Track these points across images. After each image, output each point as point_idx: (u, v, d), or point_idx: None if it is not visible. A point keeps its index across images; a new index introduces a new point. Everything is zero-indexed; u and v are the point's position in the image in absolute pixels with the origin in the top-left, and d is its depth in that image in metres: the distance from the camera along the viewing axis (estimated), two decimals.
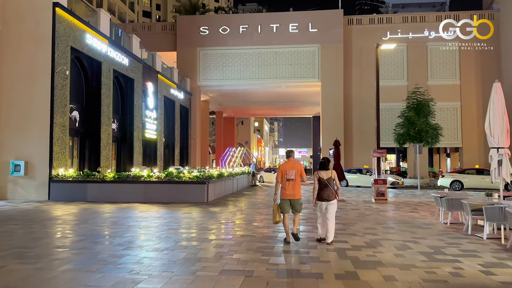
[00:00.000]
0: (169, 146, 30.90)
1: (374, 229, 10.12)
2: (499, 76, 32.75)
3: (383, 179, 16.84)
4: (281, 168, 8.03)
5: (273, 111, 50.39)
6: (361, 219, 11.90)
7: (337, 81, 33.54)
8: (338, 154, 17.51)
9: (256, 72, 34.28)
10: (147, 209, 14.22)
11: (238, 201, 17.12)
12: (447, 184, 23.68)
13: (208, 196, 16.48)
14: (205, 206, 14.97)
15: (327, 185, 7.95)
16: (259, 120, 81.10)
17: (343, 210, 13.97)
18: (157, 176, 16.75)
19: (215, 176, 17.61)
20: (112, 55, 21.89)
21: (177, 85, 31.44)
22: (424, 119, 28.50)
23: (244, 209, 14.23)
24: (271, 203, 16.44)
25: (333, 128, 33.41)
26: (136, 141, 24.49)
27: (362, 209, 14.51)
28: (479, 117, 33.16)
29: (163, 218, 11.79)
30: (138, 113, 24.84)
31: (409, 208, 15.00)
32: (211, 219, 11.62)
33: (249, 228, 10.03)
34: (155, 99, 27.30)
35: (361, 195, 20.38)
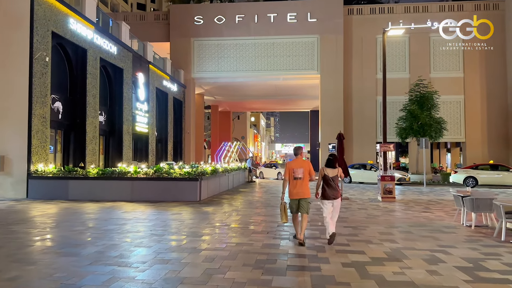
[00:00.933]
0: (162, 141, 29.34)
1: (390, 234, 8.68)
2: (504, 69, 31.41)
3: (390, 175, 15.42)
4: (289, 166, 7.54)
5: (270, 105, 48.81)
6: (372, 221, 10.46)
7: (336, 74, 32.04)
8: (342, 149, 16.04)
9: (252, 64, 32.71)
10: (133, 209, 12.72)
11: (233, 200, 15.65)
12: (460, 180, 22.25)
13: (200, 194, 15.00)
14: (197, 206, 13.49)
15: (332, 184, 7.49)
16: (256, 115, 79.53)
17: (349, 210, 12.53)
18: (145, 172, 15.23)
19: (209, 172, 16.12)
20: (98, 43, 20.27)
21: (170, 76, 29.84)
22: (428, 112, 27.18)
23: (240, 209, 12.76)
24: (269, 201, 14.99)
25: (332, 122, 31.94)
26: (125, 135, 22.92)
27: (370, 209, 13.08)
28: (483, 110, 31.83)
29: (148, 221, 10.30)
30: (127, 105, 23.25)
31: (420, 207, 13.59)
32: (202, 222, 10.14)
33: (246, 234, 8.56)
34: (146, 91, 25.71)
35: (365, 192, 18.97)
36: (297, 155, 7.68)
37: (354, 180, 25.24)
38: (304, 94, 39.35)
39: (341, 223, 9.83)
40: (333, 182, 7.47)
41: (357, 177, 25.44)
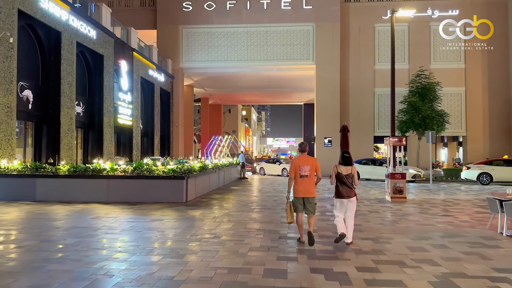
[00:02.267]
0: (148, 134, 27.20)
1: (423, 250, 6.80)
2: (507, 60, 29.79)
3: (401, 172, 13.56)
4: (294, 163, 7.05)
5: (262, 97, 46.74)
6: (392, 230, 8.58)
7: (333, 64, 30.13)
8: (346, 142, 14.15)
9: (244, 54, 30.64)
10: (106, 213, 10.69)
11: (225, 200, 13.69)
12: (474, 177, 20.43)
13: (187, 194, 12.99)
14: (183, 208, 11.50)
15: (345, 182, 7.07)
16: (247, 108, 77.42)
17: (359, 214, 10.64)
18: (123, 170, 13.18)
19: (197, 169, 14.11)
20: (75, 25, 18.08)
21: (156, 66, 27.64)
22: (430, 104, 25.42)
23: (232, 213, 10.80)
24: (265, 202, 13.06)
25: (328, 115, 30.12)
26: (106, 128, 20.78)
27: (382, 212, 11.23)
28: (485, 103, 30.22)
29: (120, 231, 8.29)
30: (109, 95, 21.09)
31: (438, 209, 11.77)
32: (187, 232, 8.16)
33: (242, 251, 6.60)
34: (130, 80, 23.53)
35: (369, 191, 17.13)
36: (304, 151, 7.17)
37: (362, 176, 23.07)
38: (298, 86, 37.42)
39: (356, 232, 7.96)
40: (347, 180, 7.04)
41: (365, 173, 23.27)
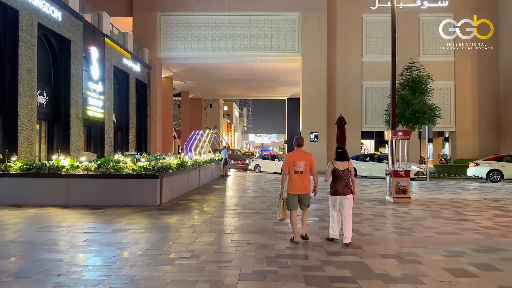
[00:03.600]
0: (122, 128, 24.95)
1: (468, 273, 5.08)
2: (496, 52, 28.71)
3: (405, 170, 11.95)
4: (289, 159, 6.74)
5: (245, 91, 44.69)
6: (412, 241, 6.88)
7: (319, 56, 28.45)
8: (343, 136, 12.42)
9: (226, 44, 28.64)
10: (61, 219, 8.71)
11: (205, 202, 11.80)
12: (483, 174, 19.00)
13: (161, 195, 11.06)
14: (156, 213, 9.57)
15: (342, 178, 6.70)
16: (229, 104, 75.32)
17: (363, 218, 8.95)
18: (85, 167, 11.14)
19: (174, 167, 12.17)
20: (35, 3, 15.78)
21: (132, 54, 25.39)
22: (421, 98, 24.08)
23: (215, 219, 8.93)
24: (252, 204, 11.23)
25: (314, 109, 28.45)
26: (74, 120, 18.55)
27: (390, 216, 9.57)
28: (474, 97, 29.09)
29: (71, 247, 6.33)
30: (77, 84, 18.84)
31: (449, 212, 10.18)
32: (156, 249, 6.26)
33: (228, 284, 4.76)
34: (101, 69, 21.27)
35: (365, 189, 15.51)
36: (299, 146, 6.83)
37: (361, 174, 21.48)
38: (282, 79, 35.64)
39: (371, 245, 6.27)
40: (344, 177, 6.67)
41: (364, 170, 21.60)
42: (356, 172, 21.21)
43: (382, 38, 29.37)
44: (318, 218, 9.04)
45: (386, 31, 29.41)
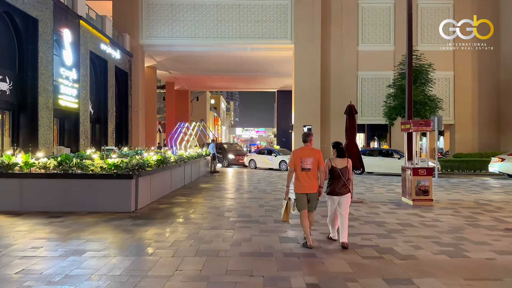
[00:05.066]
0: (100, 120, 22.59)
1: None
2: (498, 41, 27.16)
3: (426, 167, 10.09)
4: (296, 155, 6.07)
5: (233, 83, 42.35)
6: (474, 269, 4.98)
7: (313, 44, 26.47)
8: (353, 128, 10.49)
9: (214, 30, 26.44)
10: (4, 233, 6.63)
11: (191, 206, 9.74)
12: (510, 170, 17.27)
13: (137, 199, 8.98)
14: (128, 223, 7.50)
15: (340, 176, 6.17)
16: (216, 97, 72.85)
17: (389, 229, 7.05)
18: (43, 165, 8.97)
19: (153, 164, 10.07)
20: None
21: (110, 40, 22.99)
22: (422, 88, 22.39)
23: (203, 233, 6.89)
24: (249, 209, 9.23)
25: (307, 100, 26.53)
26: (43, 110, 16.24)
27: (420, 225, 7.66)
28: (474, 89, 27.51)
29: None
30: (46, 70, 16.51)
31: (487, 218, 8.35)
32: (123, 284, 4.24)
33: None
34: (75, 54, 18.91)
35: (372, 188, 13.67)
36: (306, 142, 6.18)
37: (368, 169, 19.24)
38: (272, 70, 33.58)
39: (424, 277, 4.33)
40: (342, 175, 6.18)
41: (373, 166, 19.38)
42: (364, 168, 19.12)
43: (379, 26, 27.55)
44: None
45: (383, 19, 27.64)
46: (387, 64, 27.00)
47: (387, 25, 27.62)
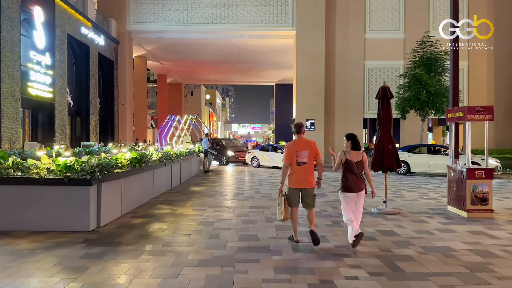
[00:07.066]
0: (81, 113, 19.96)
1: None
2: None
3: (485, 168, 7.65)
4: (290, 149, 5.62)
5: (229, 75, 39.59)
6: None
7: (316, 30, 23.94)
8: (388, 117, 7.98)
9: (209, 15, 23.83)
10: None
11: (175, 221, 7.17)
12: None
13: (99, 213, 6.42)
14: (78, 254, 4.94)
15: (356, 171, 5.55)
16: (211, 92, 70.15)
17: (462, 264, 4.59)
18: None
19: (125, 164, 7.52)
20: None
21: (93, 23, 20.33)
22: (438, 78, 20.04)
23: (185, 274, 4.37)
24: (250, 226, 6.70)
25: (310, 92, 24.03)
26: (7, 100, 13.62)
27: (495, 249, 5.20)
28: (490, 80, 25.18)
29: None
30: (12, 53, 13.87)
31: None
32: None
33: None
34: (49, 36, 16.25)
35: (400, 193, 11.20)
36: (299, 133, 5.71)
37: (415, 169, 16.65)
38: (271, 61, 31.03)
39: None
40: (358, 169, 5.54)
41: (420, 165, 16.59)
42: (409, 168, 16.44)
43: (388, 11, 25.07)
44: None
45: (393, 3, 25.13)
46: (396, 53, 24.59)
47: (396, 10, 25.14)
